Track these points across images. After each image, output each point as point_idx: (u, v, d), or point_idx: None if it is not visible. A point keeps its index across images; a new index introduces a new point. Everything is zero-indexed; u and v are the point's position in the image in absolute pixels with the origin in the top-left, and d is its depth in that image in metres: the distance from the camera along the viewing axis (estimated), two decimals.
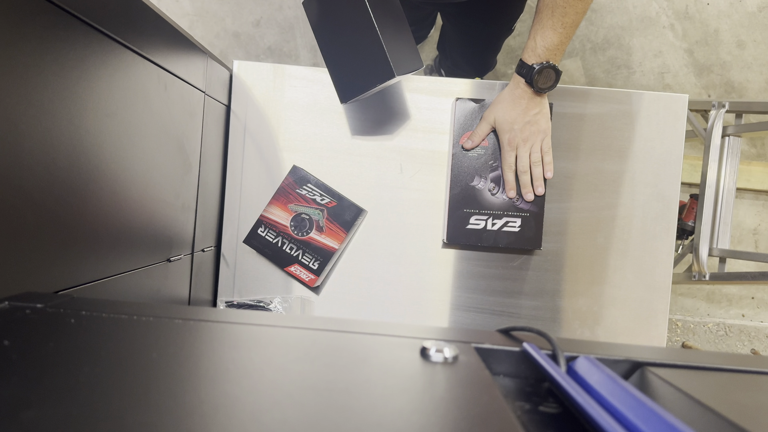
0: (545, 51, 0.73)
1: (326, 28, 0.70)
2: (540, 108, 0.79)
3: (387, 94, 0.87)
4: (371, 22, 0.65)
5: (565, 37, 0.73)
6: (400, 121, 0.88)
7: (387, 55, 0.66)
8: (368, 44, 0.67)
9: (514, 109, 0.78)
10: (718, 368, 0.37)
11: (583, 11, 0.71)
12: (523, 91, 0.77)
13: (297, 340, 0.36)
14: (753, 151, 1.64)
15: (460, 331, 0.40)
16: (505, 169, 0.81)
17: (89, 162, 0.48)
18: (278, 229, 0.86)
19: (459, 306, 0.88)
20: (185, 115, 0.70)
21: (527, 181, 0.81)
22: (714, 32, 1.62)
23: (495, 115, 0.80)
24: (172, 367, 0.29)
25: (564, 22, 0.71)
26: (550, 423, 0.32)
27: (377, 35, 0.66)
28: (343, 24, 0.69)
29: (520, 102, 0.78)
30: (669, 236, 0.88)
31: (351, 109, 0.87)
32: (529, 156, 0.80)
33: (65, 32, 0.44)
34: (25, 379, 0.25)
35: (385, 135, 0.88)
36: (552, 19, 0.71)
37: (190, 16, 1.60)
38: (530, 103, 0.78)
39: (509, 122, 0.79)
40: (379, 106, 0.87)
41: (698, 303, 1.66)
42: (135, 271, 0.59)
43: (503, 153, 0.81)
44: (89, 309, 0.37)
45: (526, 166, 0.81)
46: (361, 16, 0.66)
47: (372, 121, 0.88)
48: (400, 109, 0.88)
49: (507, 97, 0.79)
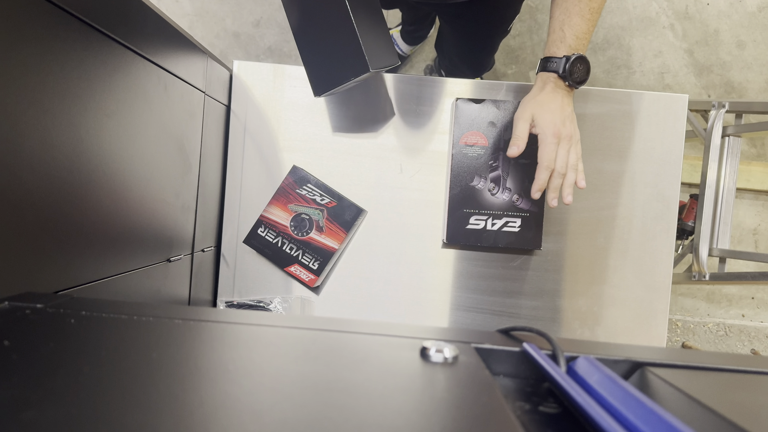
0: (575, 40, 0.69)
1: (303, 20, 0.70)
2: (572, 108, 0.73)
3: (387, 94, 0.87)
4: (348, 15, 0.65)
5: (592, 24, 0.69)
6: (400, 121, 0.88)
7: (363, 49, 0.66)
8: (344, 37, 0.67)
9: (553, 102, 0.71)
10: (718, 368, 0.37)
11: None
12: (555, 86, 0.71)
13: (297, 340, 0.36)
14: (753, 151, 1.64)
15: (460, 332, 0.40)
16: (543, 166, 0.70)
17: (89, 162, 0.48)
18: (278, 229, 0.86)
19: (459, 306, 0.88)
20: (185, 115, 0.70)
21: (559, 185, 0.71)
22: (714, 32, 1.62)
23: (532, 111, 0.72)
24: (172, 367, 0.29)
25: (591, 7, 0.68)
26: (550, 423, 0.32)
27: (353, 28, 0.66)
28: (320, 16, 0.68)
29: (555, 97, 0.71)
30: (669, 236, 0.88)
31: (351, 110, 0.87)
32: (567, 156, 0.71)
33: (65, 32, 0.44)
34: (25, 379, 0.25)
35: (385, 135, 0.88)
36: (579, 5, 0.67)
37: (190, 16, 1.60)
38: (565, 99, 0.71)
39: (551, 115, 0.71)
40: (379, 106, 0.87)
41: (698, 303, 1.66)
42: (135, 271, 0.59)
43: (545, 146, 0.70)
44: (89, 309, 0.37)
45: (564, 166, 0.70)
46: (339, 9, 0.66)
47: (372, 122, 0.88)
48: (400, 109, 0.88)
49: (538, 93, 0.73)
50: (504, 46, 1.21)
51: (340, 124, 0.88)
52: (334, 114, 0.87)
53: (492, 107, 0.83)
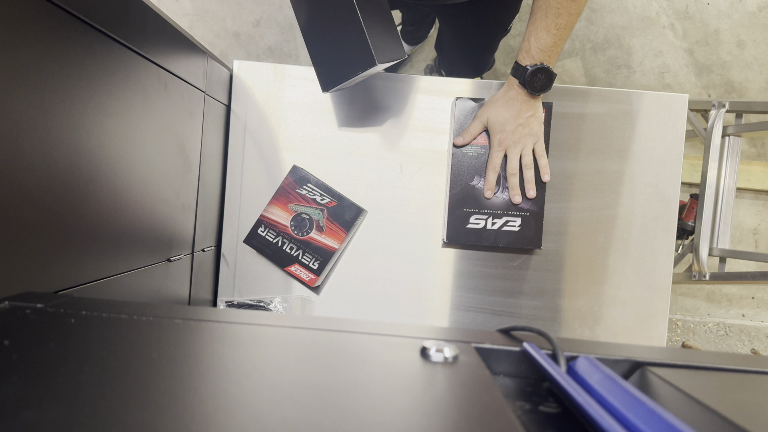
0: (539, 52, 0.73)
1: (311, 16, 0.70)
2: (533, 111, 0.79)
3: (387, 93, 0.87)
4: (354, 9, 0.65)
5: (559, 39, 0.73)
6: (400, 121, 0.88)
7: (369, 43, 0.66)
8: (350, 31, 0.67)
9: (508, 110, 0.78)
10: (718, 368, 0.37)
11: (576, 13, 0.71)
12: (516, 93, 0.77)
13: (297, 340, 0.36)
14: (753, 151, 1.64)
15: (460, 331, 0.40)
16: (489, 169, 0.81)
17: (89, 162, 0.48)
18: (278, 229, 0.86)
19: (459, 306, 0.88)
20: (185, 115, 0.70)
21: (516, 183, 0.81)
22: (714, 32, 1.62)
23: (488, 114, 0.80)
24: (172, 367, 0.29)
25: (558, 23, 0.71)
26: (550, 423, 0.32)
27: (359, 22, 0.66)
28: (327, 12, 0.68)
29: (514, 104, 0.78)
30: (669, 236, 0.88)
31: (351, 110, 0.87)
32: (520, 159, 0.80)
33: (65, 32, 0.44)
34: (25, 379, 0.25)
35: (385, 135, 0.88)
36: (546, 20, 0.71)
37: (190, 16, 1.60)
38: (524, 105, 0.78)
39: (501, 123, 0.79)
40: (379, 106, 0.87)
41: (698, 303, 1.66)
42: (135, 271, 0.59)
43: (492, 152, 0.81)
44: (89, 309, 0.37)
45: (515, 168, 0.81)
46: (345, 4, 0.66)
47: (372, 121, 0.88)
48: (400, 109, 0.88)
49: (501, 98, 0.79)
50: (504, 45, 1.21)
51: (341, 124, 0.88)
52: (334, 114, 0.87)
53: None
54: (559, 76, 1.60)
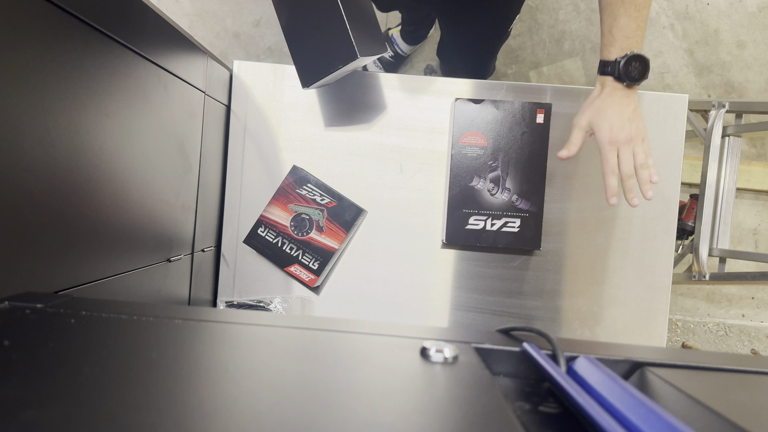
0: (625, 40, 0.70)
1: (291, 11, 0.70)
2: (635, 105, 0.73)
3: (387, 93, 0.87)
4: (336, 3, 0.65)
5: (642, 21, 0.70)
6: (399, 121, 0.88)
7: (351, 36, 0.66)
8: (332, 25, 0.66)
9: (610, 106, 0.73)
10: (718, 368, 0.37)
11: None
12: (612, 89, 0.72)
13: (297, 340, 0.36)
14: (753, 151, 1.64)
15: (460, 331, 0.40)
16: (608, 173, 0.72)
17: (89, 162, 0.48)
18: (278, 229, 0.86)
19: (459, 306, 0.88)
20: (185, 115, 0.70)
21: (633, 185, 0.72)
22: (714, 32, 1.62)
23: (588, 119, 0.74)
24: (172, 367, 0.29)
25: (636, 4, 0.68)
26: (550, 423, 0.32)
27: (341, 15, 0.65)
28: (309, 7, 0.68)
29: (613, 99, 0.73)
30: (669, 236, 0.88)
31: (351, 110, 0.87)
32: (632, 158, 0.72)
33: (65, 32, 0.44)
34: (25, 379, 0.25)
35: (385, 135, 0.88)
36: (623, 6, 0.69)
37: (190, 16, 1.60)
38: (624, 99, 0.72)
39: (607, 121, 0.72)
40: (379, 106, 0.88)
41: (698, 303, 1.66)
42: (135, 271, 0.59)
43: (605, 154, 0.72)
44: (89, 309, 0.37)
45: (631, 169, 0.72)
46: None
47: (372, 122, 0.88)
48: (400, 109, 0.88)
49: (596, 97, 0.74)
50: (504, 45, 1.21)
51: (341, 124, 0.88)
52: (334, 114, 0.88)
53: (491, 107, 0.83)
54: (559, 76, 1.60)
